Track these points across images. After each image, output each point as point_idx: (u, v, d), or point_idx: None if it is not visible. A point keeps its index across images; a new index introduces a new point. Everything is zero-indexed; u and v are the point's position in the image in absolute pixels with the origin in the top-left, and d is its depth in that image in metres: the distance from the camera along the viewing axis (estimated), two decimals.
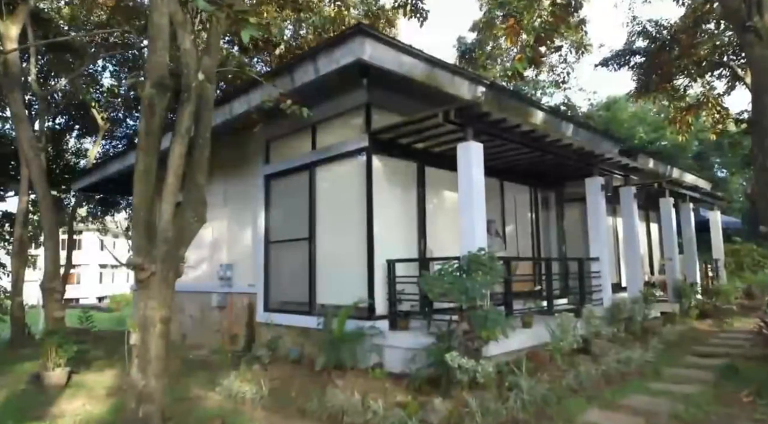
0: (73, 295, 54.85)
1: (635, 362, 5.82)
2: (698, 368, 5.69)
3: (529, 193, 10.04)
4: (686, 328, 8.28)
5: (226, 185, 9.79)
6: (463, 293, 4.64)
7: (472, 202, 5.74)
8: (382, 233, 6.80)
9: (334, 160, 7.32)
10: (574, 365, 5.53)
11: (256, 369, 7.16)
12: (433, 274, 5.17)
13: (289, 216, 8.11)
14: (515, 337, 6.08)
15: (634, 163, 9.08)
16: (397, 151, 7.13)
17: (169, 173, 4.84)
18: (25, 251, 13.31)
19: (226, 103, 7.43)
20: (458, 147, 5.96)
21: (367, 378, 5.88)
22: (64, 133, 18.97)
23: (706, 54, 10.37)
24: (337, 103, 7.25)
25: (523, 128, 6.52)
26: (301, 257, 7.72)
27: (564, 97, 20.65)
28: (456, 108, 5.63)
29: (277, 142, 8.52)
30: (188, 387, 7.19)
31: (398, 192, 7.22)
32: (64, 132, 18.98)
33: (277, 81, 6.41)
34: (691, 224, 11.77)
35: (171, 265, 4.78)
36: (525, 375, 4.80)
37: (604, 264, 8.13)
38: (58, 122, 18.72)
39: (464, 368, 4.71)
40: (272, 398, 6.07)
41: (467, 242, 5.73)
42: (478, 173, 5.82)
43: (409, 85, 6.52)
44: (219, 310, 9.58)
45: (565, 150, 7.50)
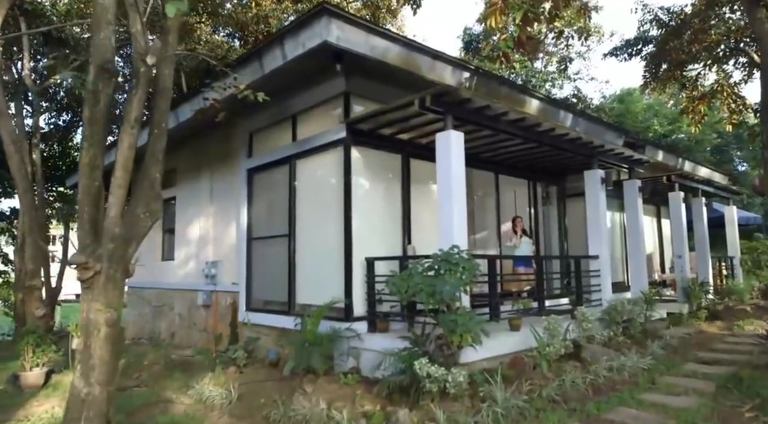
0: None
1: (629, 370, 5.35)
2: (699, 377, 5.19)
3: (528, 188, 9.54)
4: (692, 331, 7.74)
5: (212, 180, 9.50)
6: (431, 295, 4.24)
7: (451, 196, 5.31)
8: (361, 230, 6.42)
9: (313, 153, 6.95)
10: (561, 373, 5.08)
11: (231, 372, 6.86)
12: (403, 273, 4.76)
13: (271, 212, 7.78)
14: (501, 341, 5.68)
15: (638, 155, 8.53)
16: (378, 142, 6.73)
17: (117, 166, 4.51)
18: (40, 249, 13.27)
19: (199, 94, 7.09)
20: (437, 136, 5.54)
21: (340, 384, 5.51)
22: (69, 129, 18.89)
23: (718, 38, 9.71)
24: (315, 93, 6.88)
25: (511, 116, 6.07)
26: (281, 254, 7.38)
27: (573, 88, 19.99)
28: (433, 94, 5.20)
29: (260, 135, 8.18)
30: (163, 390, 6.93)
31: (380, 186, 6.82)
32: (69, 129, 18.90)
33: (248, 68, 6.06)
34: (704, 220, 11.16)
35: (118, 264, 4.44)
36: (500, 385, 4.38)
37: (603, 262, 7.63)
38: (63, 119, 18.67)
39: (433, 377, 4.31)
40: (241, 403, 5.76)
41: (446, 238, 5.32)
42: (457, 165, 5.40)
43: (390, 73, 6.12)
44: (205, 308, 9.31)
45: (561, 141, 7.02)
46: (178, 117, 7.88)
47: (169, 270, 10.76)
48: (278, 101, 7.46)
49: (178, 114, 7.82)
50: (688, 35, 9.86)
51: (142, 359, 9.16)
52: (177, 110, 7.73)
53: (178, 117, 7.86)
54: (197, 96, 7.17)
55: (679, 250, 10.14)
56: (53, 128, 18.57)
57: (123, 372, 8.67)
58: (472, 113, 5.72)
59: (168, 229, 11.16)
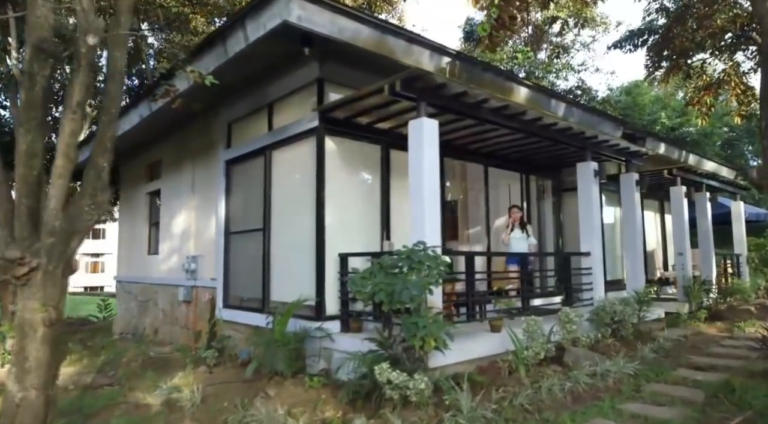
0: (98, 283, 56.10)
1: (614, 375, 4.98)
2: (689, 384, 4.81)
3: (521, 181, 9.14)
4: (689, 332, 7.33)
5: (194, 172, 9.21)
6: (390, 295, 3.91)
7: (423, 188, 4.96)
8: (336, 224, 6.09)
9: (287, 143, 6.62)
10: (539, 379, 4.73)
11: (201, 372, 6.59)
12: (364, 271, 4.42)
13: (248, 205, 7.47)
14: (479, 343, 5.34)
15: (636, 147, 8.11)
16: (355, 132, 6.38)
17: (58, 154, 4.20)
18: None
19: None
20: (409, 124, 5.18)
21: (305, 387, 5.21)
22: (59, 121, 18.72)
23: (723, 25, 9.21)
24: (290, 80, 6.55)
25: (492, 104, 5.69)
26: (256, 249, 7.08)
27: (578, 79, 19.43)
28: (403, 79, 4.84)
29: (238, 125, 7.87)
30: (132, 390, 6.69)
31: (357, 178, 6.48)
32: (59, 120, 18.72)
33: (213, 52, 5.74)
34: (707, 215, 10.68)
35: (59, 259, 4.15)
36: (467, 392, 4.04)
37: (595, 260, 7.25)
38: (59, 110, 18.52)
39: (394, 384, 3.98)
40: (204, 406, 5.48)
41: (417, 234, 4.97)
42: (430, 155, 5.04)
43: (367, 58, 5.75)
44: (186, 304, 9.05)
45: (549, 131, 6.63)
46: (150, 107, 7.58)
47: (154, 264, 10.52)
48: (255, 89, 7.18)
49: (151, 104, 7.52)
50: (692, 21, 9.36)
51: (121, 356, 8.94)
52: (150, 100, 7.43)
53: (151, 107, 7.56)
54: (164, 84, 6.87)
55: (680, 247, 9.70)
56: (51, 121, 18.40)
57: (100, 369, 8.47)
58: (449, 100, 5.36)
59: (154, 222, 10.93)
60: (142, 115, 7.70)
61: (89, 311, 15.36)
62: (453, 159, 7.88)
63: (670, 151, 10.65)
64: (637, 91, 22.55)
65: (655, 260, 12.55)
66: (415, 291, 3.89)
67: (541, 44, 20.73)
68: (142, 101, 7.51)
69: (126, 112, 8.18)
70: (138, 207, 11.53)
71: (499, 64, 17.74)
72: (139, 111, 7.75)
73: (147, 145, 10.65)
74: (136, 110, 7.86)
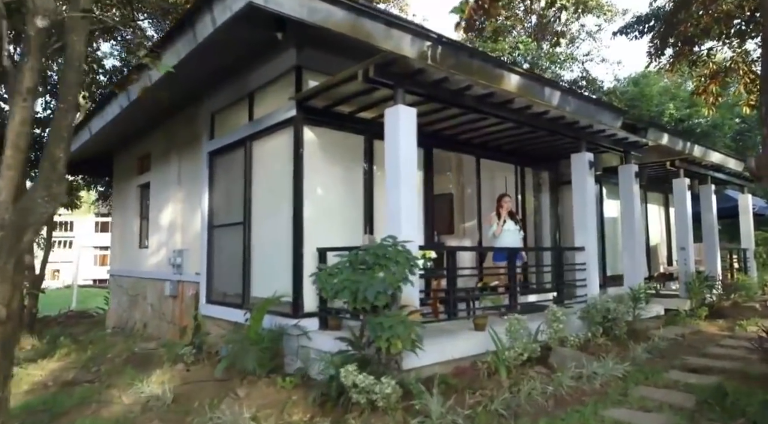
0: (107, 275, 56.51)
1: (601, 378, 4.71)
2: (680, 388, 4.52)
3: (516, 173, 8.83)
4: (688, 331, 7.01)
5: (180, 165, 9.00)
6: (354, 293, 3.66)
7: (399, 179, 4.70)
8: (315, 217, 5.86)
9: (266, 133, 6.39)
10: (520, 382, 4.47)
11: (179, 369, 6.41)
12: (330, 268, 4.17)
13: (230, 198, 7.25)
14: (460, 343, 5.08)
15: (635, 137, 7.77)
16: (336, 121, 6.12)
17: (8, 144, 3.98)
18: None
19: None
20: (385, 112, 4.92)
21: (278, 387, 5.00)
22: None
23: (729, 10, 8.79)
24: (269, 68, 6.30)
25: (476, 91, 5.40)
26: (237, 243, 6.87)
27: (582, 69, 18.96)
28: (377, 64, 4.57)
29: (221, 116, 7.63)
30: (109, 387, 6.54)
31: (339, 169, 6.22)
32: None
33: (183, 38, 5.50)
34: (712, 208, 10.31)
35: (9, 254, 3.94)
36: (437, 397, 3.79)
37: (590, 255, 6.94)
38: None
39: (359, 387, 3.75)
40: (176, 405, 5.30)
41: (393, 228, 4.72)
42: (407, 144, 4.77)
43: (347, 44, 5.47)
44: (172, 299, 8.88)
45: (541, 120, 6.33)
46: (129, 97, 7.37)
47: (144, 258, 10.37)
48: (235, 79, 6.94)
49: (129, 94, 7.30)
50: (697, 6, 8.95)
51: (108, 352, 8.82)
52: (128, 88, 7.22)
53: (129, 97, 7.35)
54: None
55: (682, 241, 9.35)
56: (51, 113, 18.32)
57: (84, 365, 8.34)
58: (430, 87, 5.08)
59: (145, 216, 10.77)
60: (122, 105, 7.50)
61: (98, 303, 15.33)
62: (442, 150, 7.59)
63: (673, 142, 10.25)
64: (644, 81, 22.01)
65: (659, 255, 12.20)
66: (381, 289, 3.64)
67: (546, 35, 20.25)
68: (117, 93, 7.29)
69: (108, 102, 7.99)
70: (129, 200, 11.38)
71: (501, 54, 17.34)
72: (119, 101, 7.54)
73: (137, 137, 10.47)
74: (116, 101, 7.65)
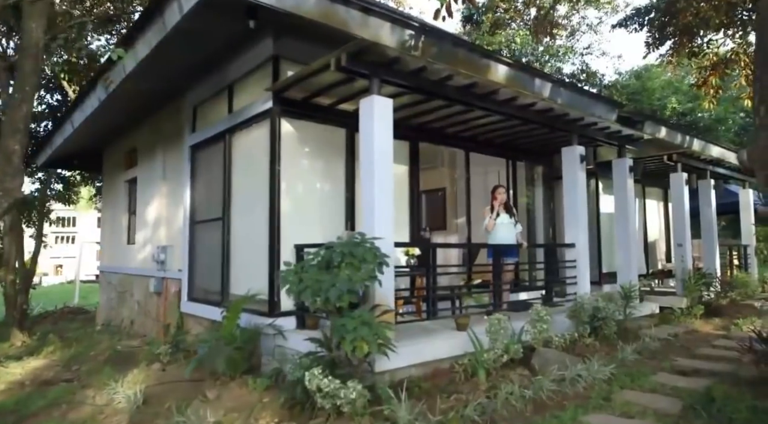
0: None
1: (586, 381, 4.50)
2: (667, 392, 4.31)
3: (507, 168, 8.60)
4: (682, 330, 6.78)
5: (165, 159, 8.82)
6: (316, 294, 3.47)
7: (374, 173, 4.49)
8: (293, 213, 5.67)
9: (244, 126, 6.20)
10: (499, 385, 4.27)
11: (155, 369, 6.25)
12: (296, 266, 3.98)
13: (210, 193, 7.07)
14: (438, 344, 4.88)
15: (629, 130, 7.53)
16: (316, 113, 5.91)
17: None
18: (19, 229, 12.96)
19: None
20: (360, 103, 4.71)
21: (249, 389, 4.82)
22: (60, 109, 18.45)
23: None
24: (247, 59, 6.11)
25: (458, 82, 5.18)
26: (217, 239, 6.69)
27: (581, 62, 18.61)
28: (350, 52, 4.36)
29: (203, 108, 7.43)
30: (85, 387, 6.40)
31: (319, 163, 6.02)
32: (60, 109, 18.47)
33: (153, 26, 5.29)
34: (711, 204, 10.05)
35: None
36: (405, 402, 3.59)
37: (580, 251, 6.72)
38: (57, 98, 18.21)
39: (324, 392, 3.56)
40: (147, 407, 5.14)
41: (366, 223, 4.53)
42: (382, 136, 4.56)
43: (327, 33, 5.24)
44: (157, 296, 8.72)
45: (528, 112, 6.11)
46: (107, 89, 7.17)
47: (131, 254, 10.22)
48: (215, 70, 6.75)
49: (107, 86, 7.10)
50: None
51: (91, 349, 8.69)
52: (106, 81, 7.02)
53: (107, 89, 7.15)
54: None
55: (679, 237, 9.11)
56: (47, 109, 18.16)
57: (66, 363, 8.20)
58: (408, 77, 4.86)
59: (133, 211, 10.61)
60: (99, 98, 7.31)
61: (98, 298, 15.30)
62: (430, 144, 7.37)
63: (672, 136, 9.99)
64: (646, 75, 21.65)
65: (657, 251, 11.95)
66: (345, 289, 3.45)
67: (546, 28, 19.90)
68: (97, 84, 7.11)
69: (87, 95, 7.80)
70: (118, 195, 11.22)
71: (499, 48, 17.05)
72: (97, 94, 7.36)
73: (125, 132, 10.31)
74: (94, 94, 7.47)
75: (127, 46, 5.64)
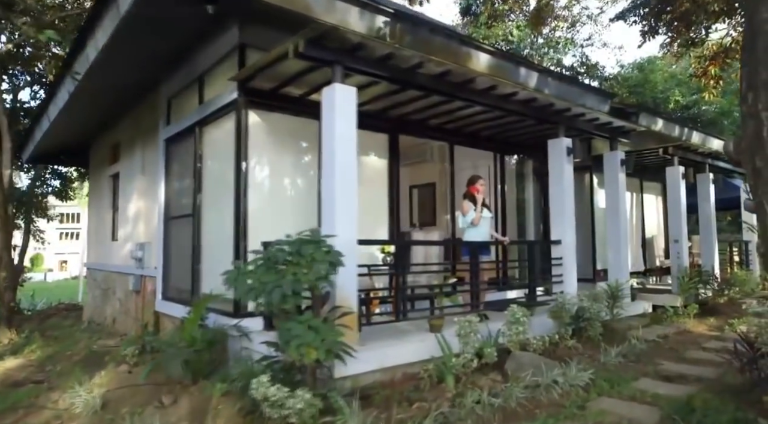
0: None
1: (562, 387, 4.22)
2: (646, 400, 4.03)
3: (495, 162, 8.29)
4: (673, 331, 6.49)
5: (144, 153, 8.59)
6: (258, 296, 3.22)
7: (334, 167, 4.23)
8: (262, 209, 5.43)
9: (212, 119, 5.95)
10: (468, 392, 4.00)
11: (121, 371, 6.03)
12: (244, 265, 3.71)
13: (182, 188, 6.84)
14: (408, 347, 4.63)
15: (621, 121, 7.21)
16: (287, 105, 5.64)
17: None
18: (8, 225, 12.84)
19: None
20: (322, 92, 4.44)
21: (207, 395, 4.58)
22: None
23: None
24: (215, 48, 5.85)
25: (431, 69, 4.90)
26: (188, 236, 6.46)
27: (581, 54, 18.20)
28: (309, 38, 4.09)
29: (176, 101, 7.19)
30: (51, 390, 6.20)
31: (290, 157, 5.77)
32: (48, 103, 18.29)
33: (109, 11, 5.04)
34: (710, 198, 9.70)
35: None
36: (357, 411, 3.34)
37: (567, 249, 6.43)
38: None
39: (271, 401, 3.31)
40: (103, 412, 4.92)
41: (327, 219, 4.27)
42: (343, 127, 4.29)
43: (294, 19, 4.97)
44: (135, 294, 8.52)
45: (510, 102, 5.81)
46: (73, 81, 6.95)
47: (113, 251, 10.03)
48: (186, 61, 6.50)
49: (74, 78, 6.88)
50: None
51: (70, 349, 8.51)
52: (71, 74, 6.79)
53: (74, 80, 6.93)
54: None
55: (675, 233, 8.78)
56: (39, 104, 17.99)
57: (42, 363, 8.02)
58: (375, 64, 4.59)
59: (117, 207, 10.40)
60: (69, 90, 7.07)
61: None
62: (411, 137, 7.08)
63: (669, 128, 9.66)
64: (649, 67, 21.18)
65: (656, 248, 11.61)
66: (289, 291, 3.19)
67: (546, 20, 19.49)
68: (64, 76, 6.87)
69: (58, 88, 7.57)
70: (102, 191, 11.04)
71: (495, 42, 16.69)
72: (66, 87, 7.13)
73: (109, 127, 10.11)
74: (64, 86, 7.24)
75: (87, 33, 5.38)
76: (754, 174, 3.70)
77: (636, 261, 10.94)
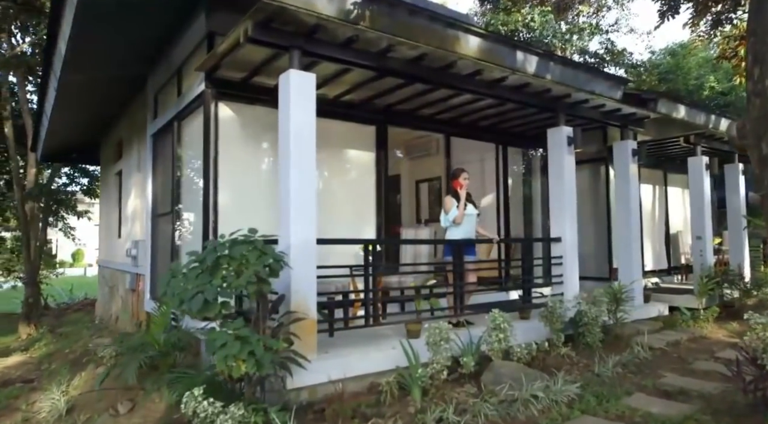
0: None
1: (543, 403, 3.80)
2: (634, 420, 3.54)
3: (497, 153, 7.81)
4: (686, 337, 5.90)
5: (139, 150, 8.47)
6: (180, 303, 2.93)
7: (289, 160, 3.89)
8: (233, 206, 5.16)
9: (187, 112, 5.73)
10: (435, 406, 3.63)
11: (97, 373, 5.91)
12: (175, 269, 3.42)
13: (165, 184, 6.66)
14: (375, 354, 4.28)
15: (630, 108, 6.63)
16: (260, 96, 5.33)
17: None
18: (26, 223, 13.13)
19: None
20: (279, 79, 4.10)
21: (164, 403, 4.36)
22: None
23: None
24: (188, 39, 5.60)
25: (404, 53, 4.51)
26: (169, 234, 6.27)
27: (606, 40, 17.26)
28: (258, 21, 3.76)
29: (161, 95, 7.00)
30: (33, 390, 6.18)
31: (264, 151, 5.48)
32: None
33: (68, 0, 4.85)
34: (739, 190, 8.94)
35: None
36: None
37: (567, 247, 5.93)
38: None
39: (200, 418, 3.02)
40: (67, 418, 4.79)
41: (282, 217, 3.96)
42: (299, 118, 3.94)
43: None
44: (131, 292, 8.44)
45: (500, 89, 5.35)
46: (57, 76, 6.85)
47: (118, 248, 10.02)
48: (165, 54, 6.30)
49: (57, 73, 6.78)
50: None
51: (69, 346, 8.54)
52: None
53: (57, 76, 6.82)
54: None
55: (698, 229, 8.09)
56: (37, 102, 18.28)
57: (40, 361, 8.06)
58: (338, 48, 4.23)
59: (121, 204, 10.40)
60: (54, 86, 6.99)
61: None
62: (401, 128, 6.70)
63: (692, 115, 8.94)
64: (682, 52, 20.00)
65: (681, 244, 10.84)
66: (211, 297, 2.89)
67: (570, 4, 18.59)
68: (48, 72, 6.78)
69: (47, 85, 7.51)
70: (110, 188, 11.08)
71: (515, 29, 16.01)
72: (51, 83, 7.04)
73: (113, 124, 10.11)
74: (49, 82, 7.16)
75: (54, 25, 5.22)
76: (760, 162, 3.18)
77: (659, 259, 10.25)
